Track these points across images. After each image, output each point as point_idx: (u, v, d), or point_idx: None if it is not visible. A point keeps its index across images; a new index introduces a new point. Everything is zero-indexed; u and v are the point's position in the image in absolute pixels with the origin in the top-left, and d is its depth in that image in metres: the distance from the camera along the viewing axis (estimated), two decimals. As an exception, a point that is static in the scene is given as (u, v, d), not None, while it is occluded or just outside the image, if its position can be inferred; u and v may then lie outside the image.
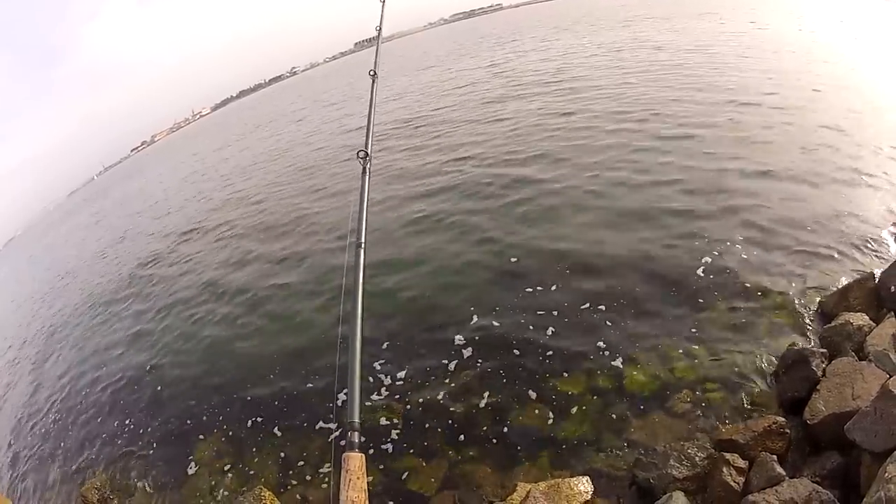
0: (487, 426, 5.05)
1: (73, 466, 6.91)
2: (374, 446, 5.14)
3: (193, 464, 5.92)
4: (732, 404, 4.54)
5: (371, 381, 5.94)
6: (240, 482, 5.40)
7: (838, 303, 5.04)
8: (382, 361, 6.25)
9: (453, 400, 5.47)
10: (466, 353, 6.02)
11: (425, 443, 5.09)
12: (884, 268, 5.17)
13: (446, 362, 5.97)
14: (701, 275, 6.17)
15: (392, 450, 5.11)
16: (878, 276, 5.06)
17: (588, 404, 4.96)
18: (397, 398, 5.71)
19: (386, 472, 4.89)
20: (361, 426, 1.63)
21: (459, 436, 5.04)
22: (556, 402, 5.08)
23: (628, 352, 5.39)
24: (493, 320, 6.41)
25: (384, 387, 5.88)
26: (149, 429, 6.88)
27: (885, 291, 4.80)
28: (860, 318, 4.58)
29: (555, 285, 6.70)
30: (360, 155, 2.69)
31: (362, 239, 2.24)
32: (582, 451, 4.52)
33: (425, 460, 4.91)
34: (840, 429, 3.46)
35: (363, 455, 1.54)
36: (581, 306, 6.21)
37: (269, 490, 4.84)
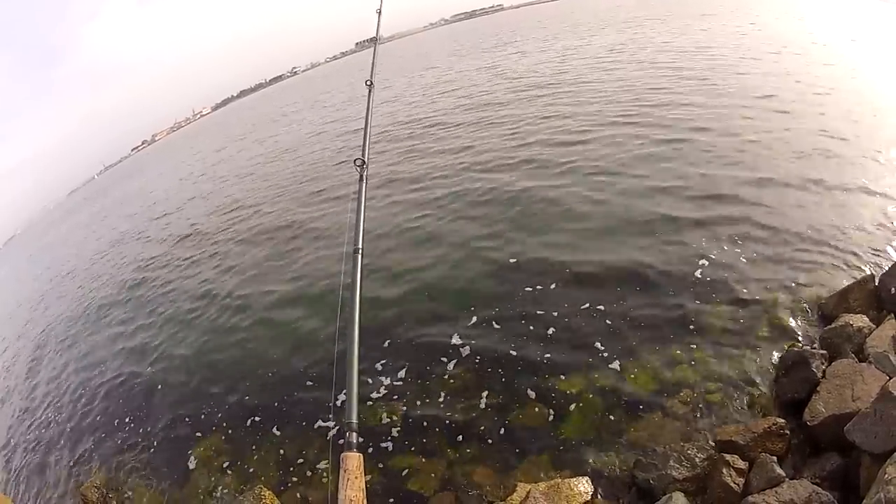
0: (487, 426, 5.05)
1: (73, 465, 6.92)
2: (374, 446, 5.14)
3: (193, 462, 5.93)
4: (732, 405, 4.54)
5: (371, 381, 5.95)
6: (239, 481, 5.41)
7: (838, 304, 5.04)
8: (382, 362, 6.25)
9: (453, 400, 5.47)
10: (465, 354, 6.02)
11: (425, 442, 5.09)
12: (884, 270, 5.17)
13: (445, 362, 5.97)
14: (700, 276, 6.17)
15: (392, 449, 5.12)
16: (877, 277, 5.06)
17: (588, 405, 4.96)
18: (397, 398, 5.71)
19: (386, 472, 4.89)
20: (360, 426, 1.67)
21: (459, 436, 5.04)
22: (556, 402, 5.08)
23: (628, 352, 5.39)
24: (493, 321, 6.41)
25: (384, 387, 5.89)
26: (148, 428, 6.89)
27: (885, 293, 4.80)
28: (860, 320, 4.58)
29: (554, 285, 6.70)
30: (357, 163, 2.77)
31: (359, 244, 2.30)
32: (582, 452, 4.52)
33: (425, 460, 4.91)
34: (840, 430, 3.46)
35: (361, 455, 1.57)
36: (580, 307, 6.21)
37: (269, 489, 4.84)
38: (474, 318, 6.54)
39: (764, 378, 4.70)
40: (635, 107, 13.23)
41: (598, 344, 5.59)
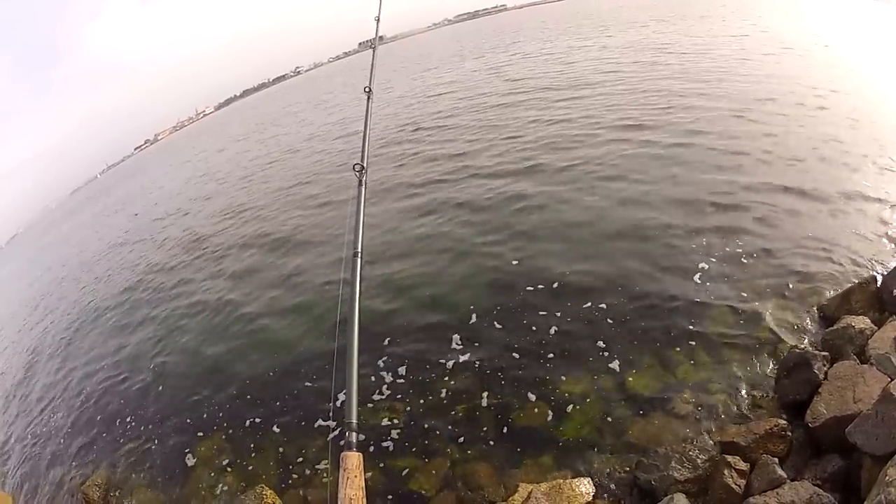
0: (488, 426, 5.06)
1: (74, 463, 6.94)
2: (376, 446, 5.15)
3: (194, 461, 5.95)
4: (734, 407, 4.54)
5: (372, 380, 5.96)
6: (240, 480, 5.42)
7: (840, 306, 5.03)
8: (384, 362, 6.25)
9: (454, 400, 5.47)
10: (466, 354, 6.02)
11: (426, 443, 5.09)
12: (886, 271, 5.17)
13: (446, 363, 5.98)
14: (702, 278, 6.17)
15: (393, 449, 5.13)
16: (879, 279, 5.06)
17: (589, 405, 4.96)
18: (398, 398, 5.72)
19: (387, 472, 4.90)
20: (360, 426, 1.69)
21: (460, 436, 5.04)
22: (557, 402, 5.08)
23: (629, 353, 5.39)
24: (494, 321, 6.41)
25: (385, 386, 5.90)
26: (149, 426, 6.90)
27: (887, 295, 4.79)
28: (862, 322, 4.57)
29: (555, 286, 6.70)
30: (357, 168, 2.81)
31: (359, 248, 2.34)
32: (583, 453, 4.52)
33: (426, 460, 4.92)
34: (841, 432, 3.46)
35: (361, 454, 1.59)
36: (582, 308, 6.21)
37: (270, 488, 4.86)
38: (475, 319, 6.54)
39: (765, 380, 4.70)
40: (636, 110, 13.16)
41: (600, 345, 5.59)
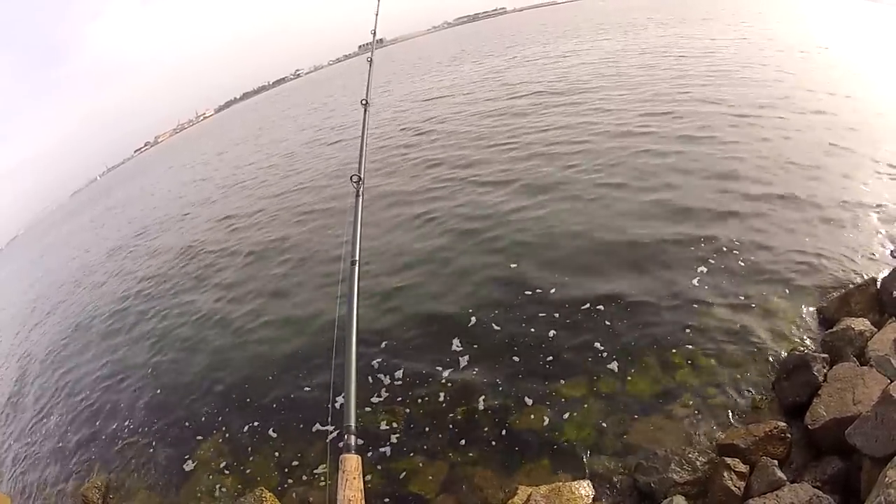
0: (488, 429, 5.05)
1: (74, 466, 6.93)
2: (375, 449, 5.14)
3: (193, 464, 5.93)
4: (733, 409, 4.54)
5: (371, 383, 5.95)
6: (239, 483, 5.41)
7: (840, 308, 5.04)
8: (383, 365, 6.25)
9: (453, 403, 5.47)
10: (466, 357, 6.02)
11: (426, 445, 5.09)
12: (885, 273, 5.17)
13: (446, 365, 5.97)
14: (701, 281, 6.17)
15: (392, 452, 5.12)
16: (879, 281, 5.06)
17: (589, 408, 4.95)
18: (398, 401, 5.71)
19: (386, 475, 4.89)
20: (359, 429, 1.69)
21: (460, 439, 5.04)
22: (557, 405, 5.08)
23: (629, 356, 5.39)
24: (493, 323, 6.41)
25: (384, 389, 5.89)
26: (149, 430, 6.89)
27: (887, 297, 4.80)
28: (861, 324, 4.58)
29: (554, 289, 6.70)
30: (354, 179, 2.87)
31: (356, 256, 2.39)
32: (583, 455, 4.51)
33: (426, 463, 4.91)
34: (841, 434, 3.46)
35: (360, 457, 1.60)
36: (580, 310, 6.21)
37: (269, 491, 4.85)
38: (473, 322, 6.54)
39: (765, 382, 4.69)
40: (635, 116, 13.11)
41: (598, 347, 5.59)
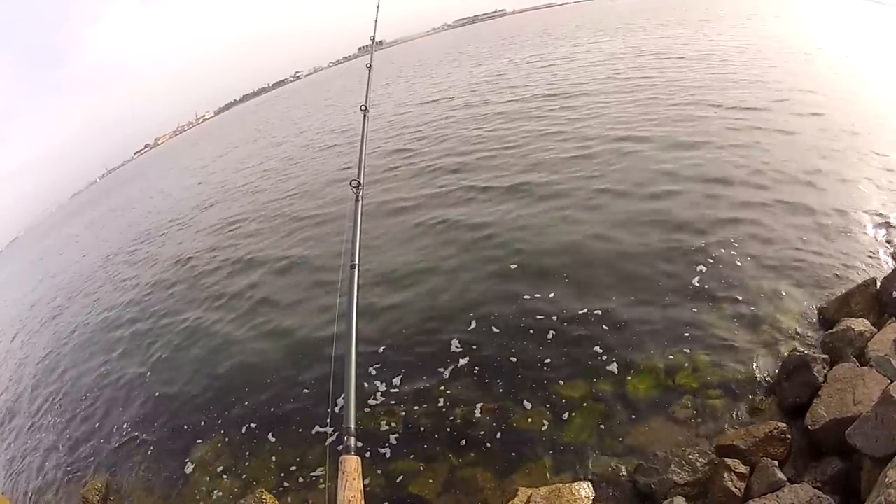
0: (487, 431, 5.05)
1: (73, 467, 6.93)
2: (374, 451, 5.14)
3: (192, 466, 5.93)
4: (733, 410, 4.53)
5: (371, 385, 5.94)
6: (239, 484, 5.41)
7: (840, 309, 5.04)
8: (382, 367, 6.23)
9: (453, 405, 5.46)
10: (465, 359, 6.01)
11: (425, 447, 5.08)
12: (885, 274, 5.17)
13: (445, 367, 5.97)
14: (701, 282, 6.17)
15: (392, 454, 5.11)
16: (879, 282, 5.05)
17: (588, 409, 4.95)
18: (397, 403, 5.70)
19: (386, 477, 4.88)
20: (359, 431, 1.72)
21: (460, 440, 5.04)
22: (557, 406, 5.07)
23: (628, 357, 5.38)
24: (492, 326, 6.40)
25: (384, 391, 5.88)
26: (149, 432, 6.89)
27: (887, 297, 4.79)
28: (861, 324, 4.57)
29: (553, 292, 6.69)
30: (353, 184, 2.91)
31: (356, 260, 2.43)
32: (583, 456, 4.51)
33: (425, 465, 4.90)
34: (841, 434, 3.46)
35: (359, 458, 1.61)
36: (579, 312, 6.20)
37: (269, 493, 4.84)
38: (473, 324, 6.52)
39: (765, 382, 4.69)
40: (633, 120, 13.01)
41: (598, 349, 5.58)
